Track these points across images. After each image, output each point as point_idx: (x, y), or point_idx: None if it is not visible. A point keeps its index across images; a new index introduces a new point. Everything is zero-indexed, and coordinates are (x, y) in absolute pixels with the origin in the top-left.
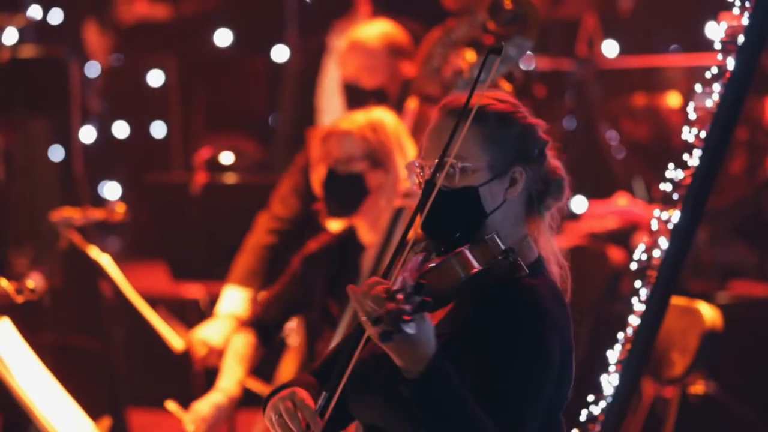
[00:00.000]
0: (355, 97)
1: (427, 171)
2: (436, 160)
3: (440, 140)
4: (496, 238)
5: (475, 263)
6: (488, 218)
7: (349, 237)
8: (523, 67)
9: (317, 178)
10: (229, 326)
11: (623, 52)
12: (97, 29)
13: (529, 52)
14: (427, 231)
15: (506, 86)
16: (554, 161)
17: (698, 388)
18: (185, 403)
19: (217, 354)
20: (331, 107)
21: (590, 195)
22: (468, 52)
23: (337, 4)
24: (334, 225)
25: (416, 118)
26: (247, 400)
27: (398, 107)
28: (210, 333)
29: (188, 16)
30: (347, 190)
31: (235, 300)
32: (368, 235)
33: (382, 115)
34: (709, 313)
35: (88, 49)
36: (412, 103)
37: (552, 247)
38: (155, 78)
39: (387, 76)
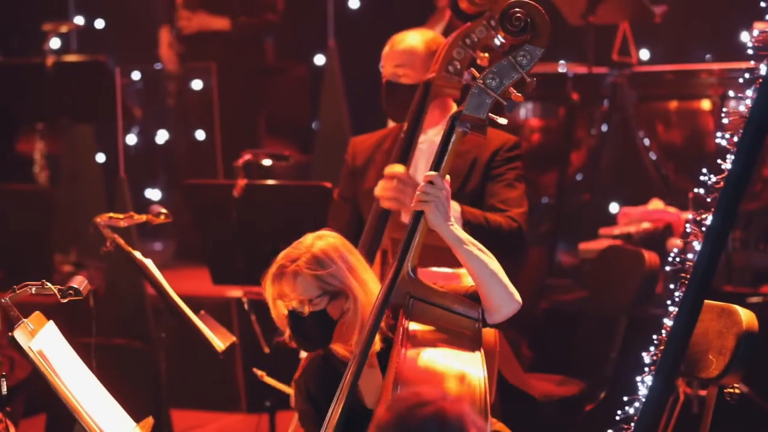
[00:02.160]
0: (394, 93)
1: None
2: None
3: None
4: None
5: None
6: None
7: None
8: (528, 79)
9: (277, 316)
10: None
11: (657, 57)
12: (169, 38)
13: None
14: None
15: (517, 98)
16: None
17: (734, 388)
18: (227, 404)
19: None
20: None
21: (625, 198)
22: (483, 56)
23: (378, 10)
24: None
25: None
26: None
27: (420, 110)
28: None
29: (242, 27)
30: (314, 328)
31: None
32: (344, 351)
33: (322, 242)
34: (746, 314)
35: (161, 58)
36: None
37: None
38: (198, 84)
39: (424, 72)
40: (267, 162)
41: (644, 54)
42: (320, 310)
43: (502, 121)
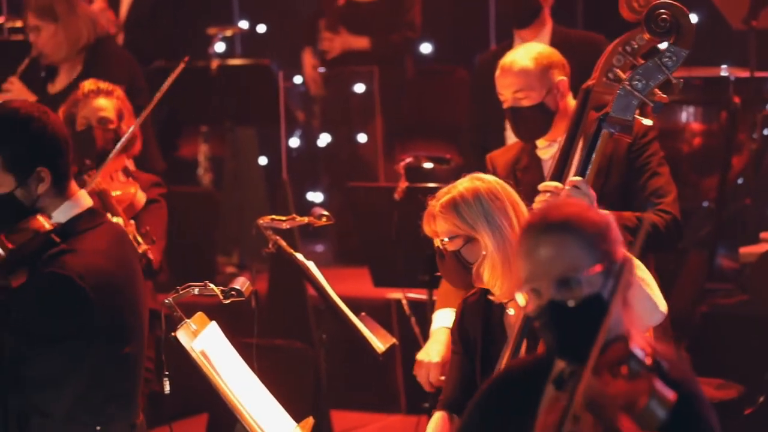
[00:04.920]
0: (519, 117)
1: (545, 293)
2: (556, 279)
3: (546, 260)
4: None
5: (670, 395)
6: None
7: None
8: (674, 80)
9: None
10: (443, 339)
11: None
12: (312, 60)
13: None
14: (568, 354)
15: (662, 98)
16: None
17: None
18: (387, 406)
19: (437, 369)
20: None
21: None
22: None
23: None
24: None
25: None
26: None
27: (580, 117)
28: (426, 353)
29: (383, 45)
30: (450, 267)
31: (444, 317)
32: (498, 296)
33: (468, 184)
34: None
35: (305, 78)
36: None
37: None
38: (360, 87)
39: (544, 90)
40: (428, 165)
41: None
42: (456, 251)
43: (647, 122)
